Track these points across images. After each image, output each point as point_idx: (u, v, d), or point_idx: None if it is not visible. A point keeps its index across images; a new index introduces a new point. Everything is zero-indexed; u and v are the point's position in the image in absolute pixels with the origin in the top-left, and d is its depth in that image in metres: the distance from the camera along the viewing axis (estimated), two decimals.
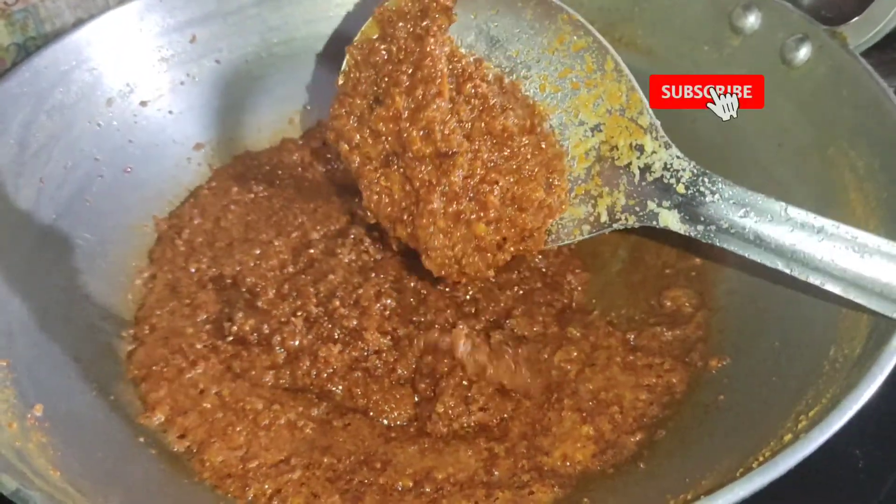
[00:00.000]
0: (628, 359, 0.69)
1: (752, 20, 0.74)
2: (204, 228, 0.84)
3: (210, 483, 0.62)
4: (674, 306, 0.74)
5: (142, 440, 0.64)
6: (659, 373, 0.68)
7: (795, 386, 0.57)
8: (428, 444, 0.65)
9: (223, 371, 0.70)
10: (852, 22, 0.73)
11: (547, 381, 0.69)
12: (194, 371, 0.69)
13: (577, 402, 0.66)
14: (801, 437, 0.48)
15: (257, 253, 0.80)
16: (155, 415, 0.66)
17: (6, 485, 0.47)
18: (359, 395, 0.70)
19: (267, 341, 0.73)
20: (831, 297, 0.56)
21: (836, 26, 0.69)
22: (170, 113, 0.88)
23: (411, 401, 0.70)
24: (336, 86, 0.73)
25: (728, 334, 0.70)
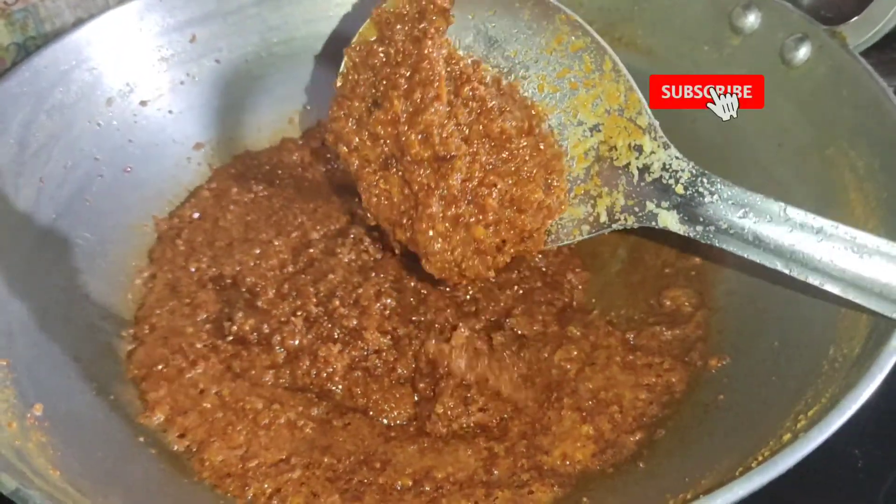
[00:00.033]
0: (628, 358, 0.69)
1: (751, 20, 0.74)
2: (204, 228, 0.84)
3: (210, 482, 0.62)
4: (673, 306, 0.74)
5: (141, 440, 0.64)
6: (658, 372, 0.68)
7: (795, 385, 0.57)
8: (427, 444, 0.65)
9: (223, 371, 0.70)
10: (852, 22, 0.73)
11: (547, 380, 0.69)
12: (194, 371, 0.69)
13: (576, 402, 0.66)
14: (800, 436, 0.48)
15: (257, 252, 0.80)
16: (155, 414, 0.66)
17: (6, 484, 0.47)
18: (358, 394, 0.70)
19: (267, 341, 0.73)
20: (830, 297, 0.56)
21: (835, 26, 0.69)
22: (170, 112, 0.88)
23: (411, 400, 0.70)
24: (334, 87, 0.73)
25: (727, 334, 0.70)
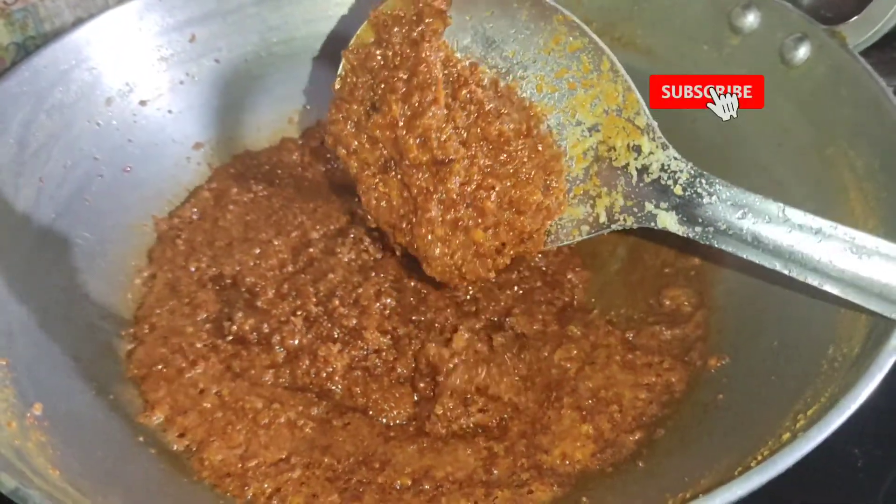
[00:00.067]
0: (628, 357, 0.69)
1: (751, 19, 0.74)
2: (203, 228, 0.84)
3: (209, 482, 0.62)
4: (673, 305, 0.74)
5: (141, 439, 0.64)
6: (658, 372, 0.68)
7: (794, 385, 0.57)
8: (427, 444, 0.65)
9: (223, 370, 0.70)
10: (851, 21, 0.73)
11: (547, 379, 0.69)
12: (194, 370, 0.69)
13: (576, 401, 0.66)
14: (799, 435, 0.48)
15: (257, 252, 0.80)
16: (154, 414, 0.66)
17: (5, 483, 0.47)
18: (358, 394, 0.70)
19: (266, 341, 0.73)
20: (830, 297, 0.56)
21: (835, 26, 0.69)
22: (169, 112, 0.88)
23: (411, 399, 0.70)
24: (333, 90, 0.73)
25: (727, 333, 0.70)
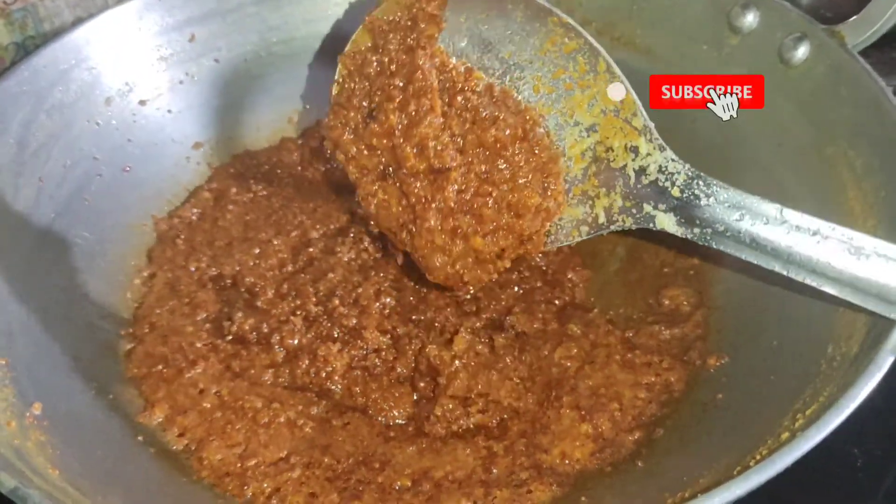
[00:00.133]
0: (627, 357, 0.69)
1: (750, 19, 0.74)
2: (203, 227, 0.84)
3: (209, 482, 0.62)
4: (672, 305, 0.74)
5: (141, 439, 0.64)
6: (658, 371, 0.68)
7: (793, 384, 0.57)
8: (426, 444, 0.65)
9: (222, 370, 0.70)
10: (850, 21, 0.73)
11: (547, 378, 0.69)
12: (194, 370, 0.69)
13: (576, 400, 0.66)
14: (798, 435, 0.48)
15: (257, 252, 0.80)
16: (154, 414, 0.66)
17: (5, 483, 0.47)
18: (358, 393, 0.70)
19: (266, 340, 0.73)
20: (829, 296, 0.56)
21: (834, 25, 0.69)
22: (169, 112, 0.88)
23: (410, 399, 0.70)
24: (330, 95, 0.73)
25: (726, 333, 0.70)
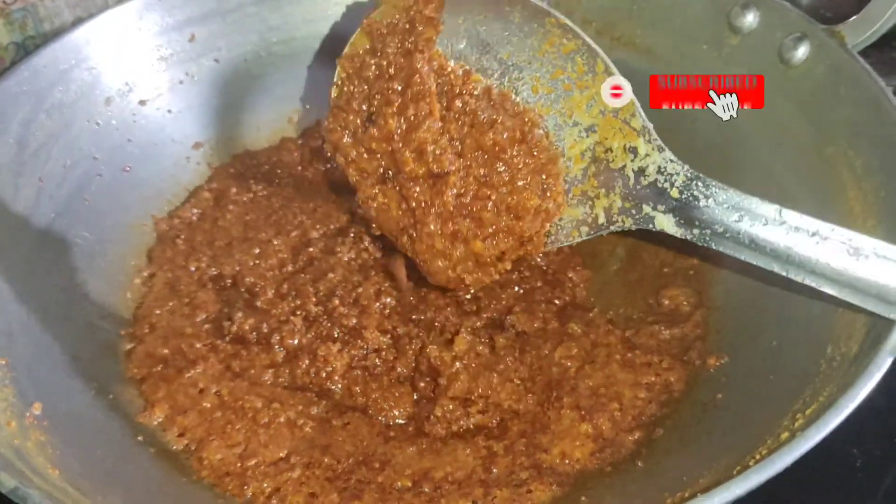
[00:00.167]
0: (627, 356, 0.69)
1: (750, 19, 0.74)
2: (203, 227, 0.84)
3: (209, 481, 0.62)
4: (672, 305, 0.74)
5: (141, 439, 0.64)
6: (657, 371, 0.68)
7: (793, 384, 0.57)
8: (426, 445, 0.65)
9: (222, 370, 0.70)
10: (850, 21, 0.73)
11: (548, 378, 0.69)
12: (194, 370, 0.69)
13: (576, 400, 0.66)
14: (798, 435, 0.48)
15: (257, 252, 0.80)
16: (154, 413, 0.66)
17: (4, 483, 0.47)
18: (358, 393, 0.70)
19: (266, 340, 0.73)
20: (828, 297, 0.56)
21: (834, 25, 0.69)
22: (169, 112, 0.88)
23: (410, 399, 0.70)
24: (329, 98, 0.73)
25: (726, 333, 0.70)
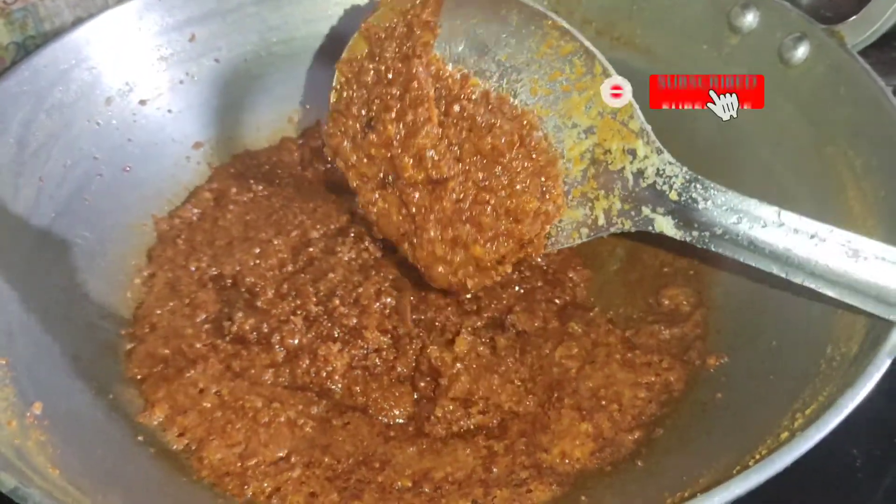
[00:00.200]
0: (627, 356, 0.70)
1: (750, 19, 0.74)
2: (203, 227, 0.84)
3: (209, 481, 0.62)
4: (672, 305, 0.74)
5: (141, 438, 0.64)
6: (657, 371, 0.68)
7: (792, 385, 0.57)
8: (426, 445, 0.65)
9: (223, 370, 0.70)
10: (850, 21, 0.73)
11: (548, 378, 0.69)
12: (194, 370, 0.69)
13: (576, 400, 0.66)
14: (797, 435, 0.48)
15: (257, 252, 0.80)
16: (154, 413, 0.66)
17: (5, 482, 0.47)
18: (358, 393, 0.70)
19: (266, 340, 0.73)
20: (828, 298, 0.56)
21: (834, 25, 0.69)
22: (169, 112, 0.88)
23: (410, 399, 0.70)
24: (329, 102, 0.73)
25: (726, 333, 0.70)
